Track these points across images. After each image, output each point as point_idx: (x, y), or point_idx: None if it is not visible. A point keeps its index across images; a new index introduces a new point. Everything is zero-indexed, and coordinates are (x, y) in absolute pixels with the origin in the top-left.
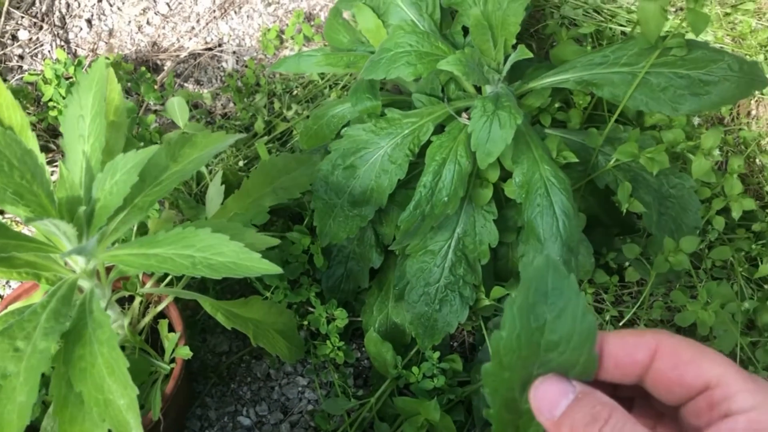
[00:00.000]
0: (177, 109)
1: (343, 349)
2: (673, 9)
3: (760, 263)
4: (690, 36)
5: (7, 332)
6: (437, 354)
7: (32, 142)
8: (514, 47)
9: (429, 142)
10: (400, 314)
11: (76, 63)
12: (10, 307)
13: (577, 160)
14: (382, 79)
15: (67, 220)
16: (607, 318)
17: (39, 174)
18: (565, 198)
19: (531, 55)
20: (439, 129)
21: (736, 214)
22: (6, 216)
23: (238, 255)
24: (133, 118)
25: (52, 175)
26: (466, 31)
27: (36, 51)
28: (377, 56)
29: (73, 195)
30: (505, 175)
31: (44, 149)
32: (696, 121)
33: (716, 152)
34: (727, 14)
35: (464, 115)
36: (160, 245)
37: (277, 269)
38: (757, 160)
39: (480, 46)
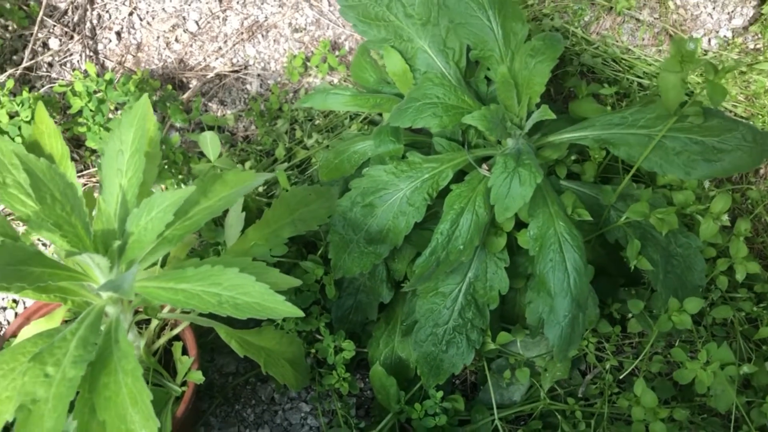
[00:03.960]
0: (209, 143)
1: (349, 380)
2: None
3: (760, 324)
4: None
5: (38, 357)
6: (440, 393)
7: (71, 172)
8: (538, 105)
9: (447, 187)
10: (406, 349)
11: (107, 80)
12: (33, 322)
13: (591, 219)
14: None
15: (102, 252)
16: (608, 367)
17: (77, 207)
18: (578, 256)
19: (553, 116)
20: (458, 175)
21: (740, 277)
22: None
23: (263, 296)
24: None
25: None
26: (488, 78)
27: (65, 60)
28: (405, 104)
29: (109, 228)
30: (520, 222)
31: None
32: (705, 183)
33: (725, 217)
34: (742, 73)
35: (484, 166)
36: (189, 281)
37: (299, 313)
38: (763, 219)
39: (504, 102)
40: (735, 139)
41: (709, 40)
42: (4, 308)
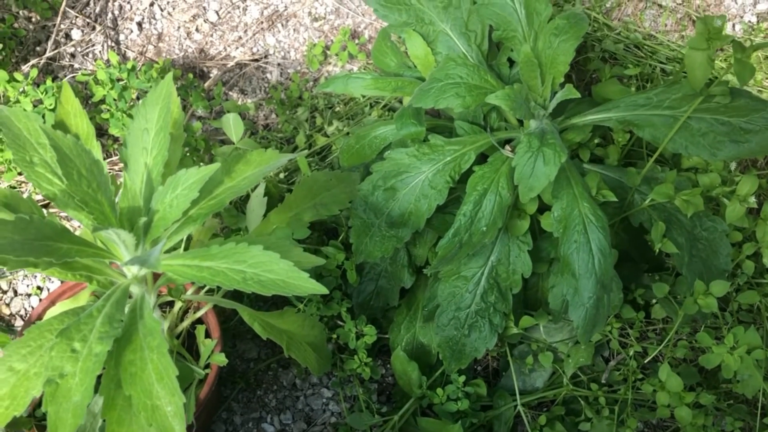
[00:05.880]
0: (232, 125)
1: (370, 365)
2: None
3: None
4: (734, 83)
5: (65, 333)
6: (463, 378)
7: (97, 151)
8: (561, 85)
9: (470, 170)
10: (428, 335)
11: (129, 68)
12: (58, 304)
13: (616, 200)
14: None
15: (128, 229)
16: (631, 353)
17: (104, 184)
18: (603, 236)
19: (578, 95)
20: (480, 158)
21: (767, 261)
22: (51, 210)
23: (287, 273)
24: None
25: None
26: (511, 62)
27: (88, 51)
28: (427, 85)
29: (134, 205)
30: (543, 207)
31: None
32: (732, 165)
33: (752, 199)
34: (767, 58)
35: (507, 147)
36: (213, 258)
37: (323, 289)
38: None
39: (528, 82)
40: (762, 119)
41: (734, 26)
42: (29, 295)
